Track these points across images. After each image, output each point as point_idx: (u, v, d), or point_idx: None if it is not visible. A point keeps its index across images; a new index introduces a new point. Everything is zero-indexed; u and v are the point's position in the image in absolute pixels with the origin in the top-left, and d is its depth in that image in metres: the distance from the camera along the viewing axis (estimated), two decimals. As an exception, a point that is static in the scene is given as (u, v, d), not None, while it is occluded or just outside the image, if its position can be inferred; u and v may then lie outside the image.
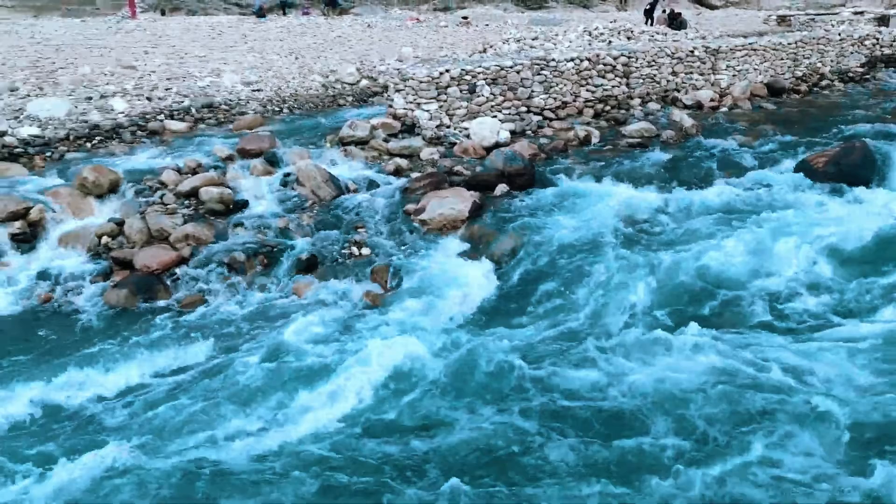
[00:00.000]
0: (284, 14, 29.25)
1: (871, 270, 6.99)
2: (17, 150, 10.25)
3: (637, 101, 12.90)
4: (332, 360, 5.68)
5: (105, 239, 7.73)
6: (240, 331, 6.44)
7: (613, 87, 12.69)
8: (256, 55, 17.88)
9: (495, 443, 4.75)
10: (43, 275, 7.24)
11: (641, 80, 13.13)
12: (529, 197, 8.86)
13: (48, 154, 10.46)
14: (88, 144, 11.00)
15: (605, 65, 12.61)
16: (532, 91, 11.70)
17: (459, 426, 4.96)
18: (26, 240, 7.68)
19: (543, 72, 11.84)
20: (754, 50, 14.73)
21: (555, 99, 11.92)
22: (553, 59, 12.00)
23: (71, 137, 10.97)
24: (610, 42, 15.06)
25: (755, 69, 14.72)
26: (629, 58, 13.00)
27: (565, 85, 12.04)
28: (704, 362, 5.49)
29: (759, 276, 6.96)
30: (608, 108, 12.45)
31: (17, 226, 7.71)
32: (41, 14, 29.31)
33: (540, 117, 11.61)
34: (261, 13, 28.04)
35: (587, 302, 6.71)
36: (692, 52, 13.97)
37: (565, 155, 10.60)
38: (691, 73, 13.94)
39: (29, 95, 12.23)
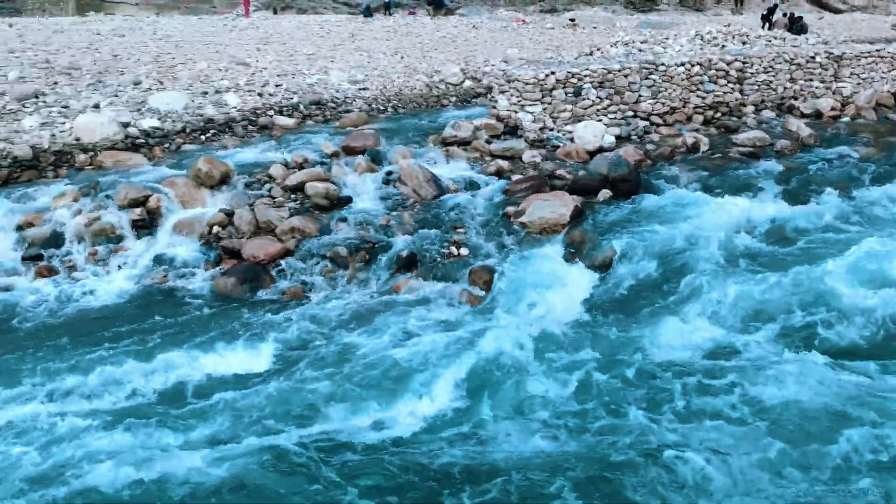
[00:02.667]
0: (388, 14, 29.75)
1: None
2: (139, 140, 10.79)
3: (750, 108, 12.35)
4: (427, 360, 5.69)
5: (216, 228, 8.04)
6: (339, 324, 6.55)
7: (726, 93, 12.20)
8: (363, 54, 18.26)
9: (593, 458, 4.63)
10: (159, 259, 7.61)
11: (756, 87, 12.56)
12: (634, 204, 8.62)
13: (166, 145, 10.97)
14: (203, 137, 11.47)
15: (717, 70, 12.14)
16: (640, 95, 11.40)
17: (553, 436, 4.86)
18: (145, 226, 8.09)
19: (652, 76, 11.51)
20: (881, 57, 13.80)
21: (663, 104, 11.57)
22: (663, 63, 11.65)
23: (187, 130, 11.46)
24: (723, 46, 14.47)
25: (882, 77, 13.80)
26: (744, 63, 12.46)
27: (674, 90, 11.67)
28: (824, 387, 5.16)
29: (876, 299, 6.48)
30: (719, 114, 11.98)
31: (137, 212, 8.13)
32: (162, 12, 31.04)
33: (647, 122, 11.30)
34: (368, 12, 28.63)
35: (694, 316, 6.45)
36: (813, 57, 13.25)
37: (672, 162, 10.26)
38: (811, 80, 13.22)
39: (150, 89, 12.89)
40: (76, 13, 29.77)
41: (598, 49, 14.85)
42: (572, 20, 27.60)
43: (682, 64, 11.80)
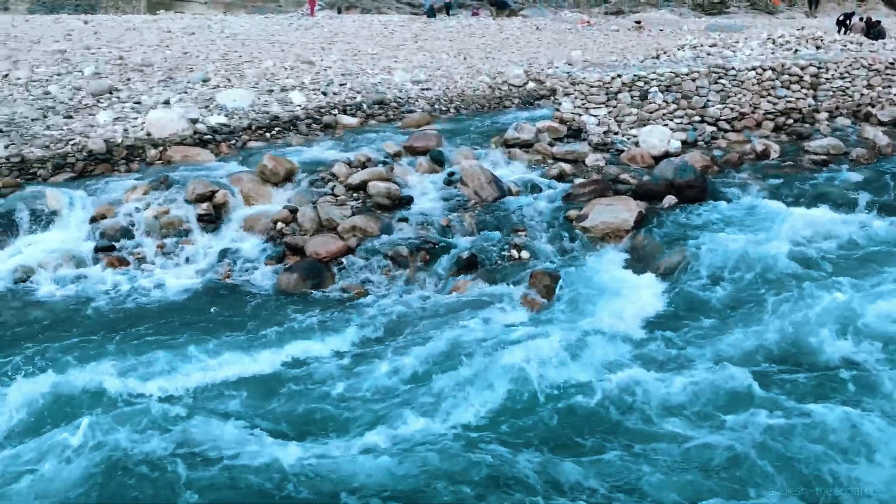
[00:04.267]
0: (448, 15, 29.78)
1: None
2: (206, 136, 11.06)
3: (824, 115, 11.89)
4: (485, 364, 5.64)
5: (280, 225, 8.16)
6: (398, 324, 6.56)
7: (798, 99, 11.77)
8: (426, 54, 18.32)
9: (649, 478, 4.50)
10: (224, 254, 7.77)
11: (831, 93, 12.09)
12: (700, 211, 8.40)
13: (232, 142, 11.20)
14: (268, 134, 11.68)
15: (790, 75, 11.73)
16: (708, 100, 11.11)
17: (605, 449, 4.73)
18: (211, 220, 8.27)
19: (721, 80, 11.20)
20: (969, 63, 13.11)
21: (731, 109, 11.24)
22: (733, 67, 11.32)
23: (253, 127, 11.69)
24: (796, 51, 13.98)
25: (968, 85, 13.10)
26: (818, 68, 12.01)
27: (744, 95, 11.32)
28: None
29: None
30: (791, 121, 11.57)
31: (203, 207, 8.32)
32: (230, 10, 31.76)
33: (714, 128, 11.00)
34: (432, 13, 28.71)
35: (759, 329, 6.18)
36: (892, 63, 12.68)
37: (740, 169, 9.97)
38: (890, 86, 12.65)
39: (218, 86, 13.19)
40: (148, 11, 30.73)
41: (665, 52, 14.53)
42: (638, 22, 27.15)
43: (754, 68, 11.44)
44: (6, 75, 12.58)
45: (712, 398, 5.21)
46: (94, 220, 8.14)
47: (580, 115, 10.94)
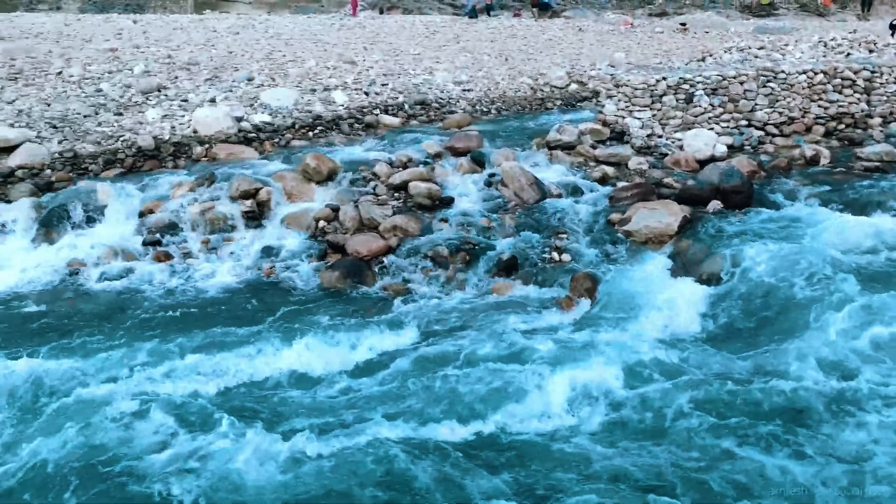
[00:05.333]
0: (490, 16, 29.73)
1: None
2: (251, 134, 11.21)
3: (878, 120, 11.56)
4: (524, 367, 5.61)
5: (322, 223, 8.24)
6: (438, 323, 6.56)
7: (851, 103, 11.47)
8: (468, 55, 18.32)
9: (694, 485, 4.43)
10: (267, 250, 7.87)
11: (885, 98, 11.75)
12: (746, 217, 8.22)
13: (276, 140, 11.34)
14: (311, 133, 11.80)
15: (842, 79, 11.44)
16: (755, 104, 10.89)
17: (639, 463, 4.65)
18: (254, 217, 8.39)
19: (770, 84, 10.98)
20: None
21: (780, 114, 11.00)
22: (783, 71, 11.08)
23: (296, 126, 11.81)
24: (848, 54, 13.64)
25: None
26: (872, 72, 11.69)
27: (794, 99, 11.07)
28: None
29: None
30: (842, 126, 11.27)
31: (247, 204, 8.44)
32: (274, 10, 32.20)
33: (762, 132, 10.78)
34: (473, 14, 28.71)
35: (808, 342, 5.97)
36: (950, 68, 12.27)
37: (788, 175, 9.73)
38: (947, 91, 12.24)
39: (262, 85, 13.36)
40: (194, 11, 31.31)
41: (711, 55, 14.33)
42: (683, 24, 26.75)
43: (805, 72, 11.19)
44: (60, 73, 12.92)
45: (752, 410, 5.10)
46: (142, 214, 8.32)
47: (623, 117, 10.82)
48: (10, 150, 9.25)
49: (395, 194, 8.81)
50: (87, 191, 8.34)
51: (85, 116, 10.71)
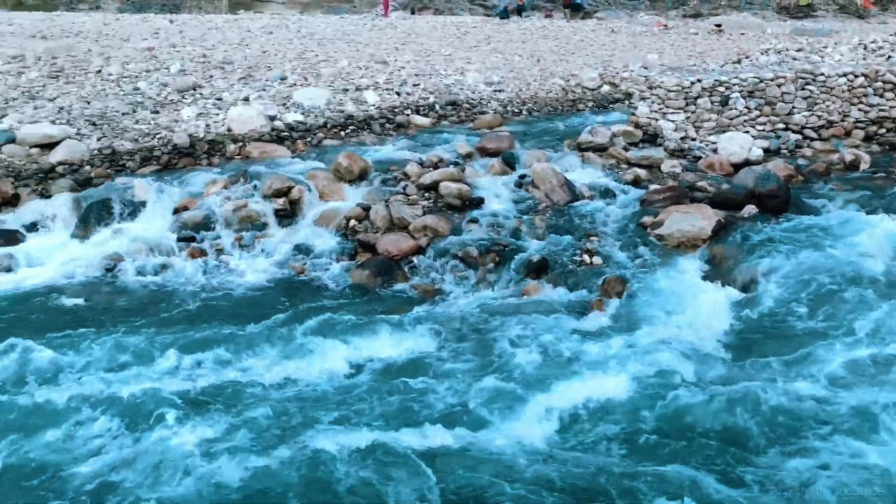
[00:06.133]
0: (521, 17, 29.64)
1: None
2: (283, 133, 11.32)
3: (919, 124, 11.31)
4: (553, 370, 5.59)
5: (352, 222, 8.28)
6: (467, 324, 6.54)
7: (892, 107, 11.22)
8: (499, 56, 18.29)
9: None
10: (298, 248, 7.93)
11: (927, 102, 11.48)
12: (782, 222, 8.08)
13: (308, 139, 11.42)
14: (342, 133, 11.87)
15: (884, 82, 11.20)
16: (793, 107, 10.72)
17: (664, 472, 4.58)
18: (287, 215, 8.47)
19: (809, 87, 10.79)
20: None
21: (818, 117, 10.82)
22: (822, 73, 10.89)
23: (328, 126, 11.90)
24: (889, 57, 13.36)
25: None
26: (914, 75, 11.43)
27: (833, 102, 10.87)
28: None
29: None
30: (883, 130, 11.04)
31: (280, 202, 8.52)
32: (307, 10, 32.48)
33: (799, 136, 10.60)
34: (505, 14, 28.67)
35: (845, 352, 5.85)
36: None
37: (827, 179, 9.56)
38: None
39: (295, 85, 13.48)
40: (229, 11, 31.71)
41: (747, 56, 14.12)
42: (718, 25, 26.40)
43: (845, 74, 10.98)
44: (99, 71, 13.17)
45: (784, 421, 4.99)
46: (176, 211, 8.44)
47: (657, 119, 10.72)
48: (51, 146, 9.46)
49: (426, 194, 8.82)
50: (124, 187, 8.48)
51: (123, 114, 10.90)
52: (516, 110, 13.85)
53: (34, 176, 9.00)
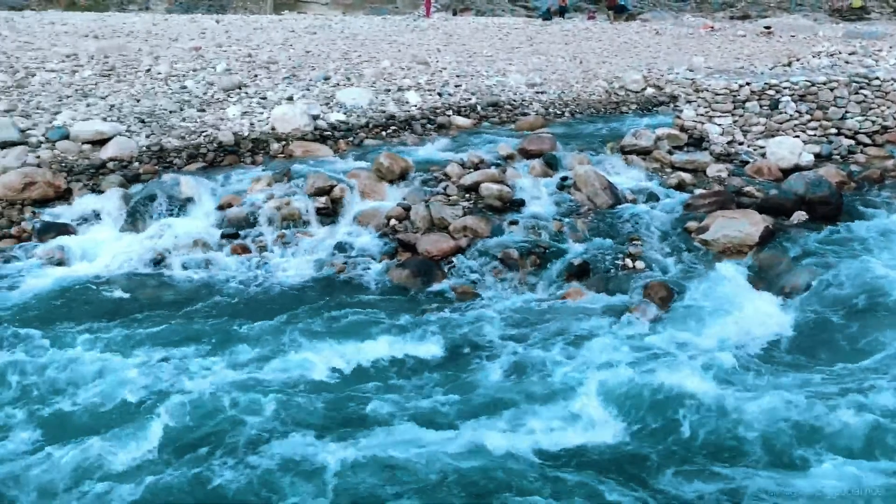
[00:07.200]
0: (563, 18, 29.44)
1: None
2: (326, 133, 11.39)
3: (978, 131, 10.92)
4: (594, 376, 5.50)
5: (393, 221, 8.30)
6: (507, 326, 6.50)
7: (950, 112, 10.86)
8: (541, 57, 18.18)
9: None
10: (340, 246, 7.97)
11: None
12: (833, 229, 7.87)
13: (350, 139, 11.47)
14: (384, 133, 11.90)
15: (942, 86, 10.84)
16: (846, 111, 10.43)
17: (706, 478, 4.49)
18: (328, 214, 8.52)
19: (863, 91, 10.49)
20: None
21: (872, 122, 10.51)
22: (877, 77, 10.58)
23: (370, 126, 11.93)
24: (947, 60, 12.97)
25: None
26: (974, 80, 11.04)
27: (888, 107, 10.55)
28: None
29: None
30: (940, 136, 10.69)
31: (322, 201, 8.57)
32: (349, 11, 32.74)
33: (852, 142, 10.31)
34: (547, 15, 28.53)
35: (893, 368, 5.70)
36: None
37: (882, 186, 9.28)
38: None
39: (338, 85, 13.57)
40: (273, 11, 32.14)
41: (798, 59, 13.79)
42: (768, 28, 25.84)
43: (901, 78, 10.66)
44: (149, 70, 13.45)
45: (827, 432, 4.86)
46: (221, 208, 8.56)
47: (703, 123, 10.53)
48: (102, 142, 9.68)
49: (466, 195, 8.79)
50: (171, 183, 8.63)
51: (171, 112, 11.10)
52: (558, 112, 13.74)
53: (86, 171, 9.22)
